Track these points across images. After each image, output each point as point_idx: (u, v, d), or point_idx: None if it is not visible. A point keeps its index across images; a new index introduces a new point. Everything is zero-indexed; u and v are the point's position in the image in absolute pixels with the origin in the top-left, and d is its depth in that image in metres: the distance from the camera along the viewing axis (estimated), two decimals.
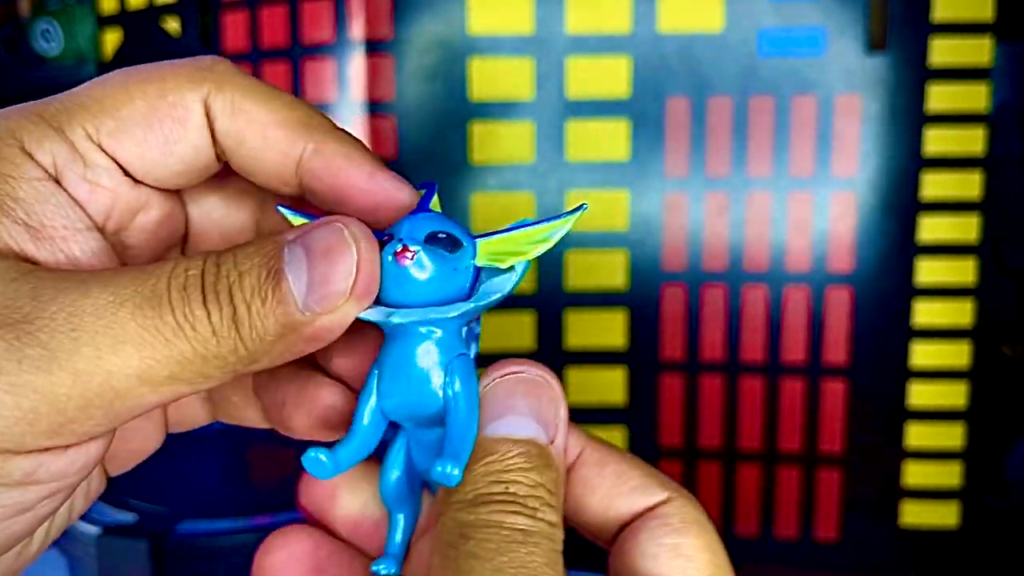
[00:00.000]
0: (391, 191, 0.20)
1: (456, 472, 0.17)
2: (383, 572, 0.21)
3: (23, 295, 0.16)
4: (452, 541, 0.17)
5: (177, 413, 0.24)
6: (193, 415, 0.24)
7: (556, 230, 0.20)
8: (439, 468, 0.17)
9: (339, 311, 0.18)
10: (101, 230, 0.19)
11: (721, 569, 0.20)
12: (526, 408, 0.18)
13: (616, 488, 0.20)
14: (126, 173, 0.19)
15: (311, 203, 0.21)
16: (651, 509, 0.20)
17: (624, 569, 0.20)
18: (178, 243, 0.23)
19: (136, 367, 0.16)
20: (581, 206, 0.21)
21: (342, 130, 0.21)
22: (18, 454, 0.16)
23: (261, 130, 0.19)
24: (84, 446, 0.17)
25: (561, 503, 0.18)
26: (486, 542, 0.16)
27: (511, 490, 0.17)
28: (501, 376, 0.19)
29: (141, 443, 0.23)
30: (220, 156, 0.20)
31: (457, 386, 0.18)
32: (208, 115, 0.19)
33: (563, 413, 0.19)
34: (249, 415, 0.23)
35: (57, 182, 0.18)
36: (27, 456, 0.16)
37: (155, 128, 0.19)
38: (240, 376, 0.19)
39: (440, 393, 0.19)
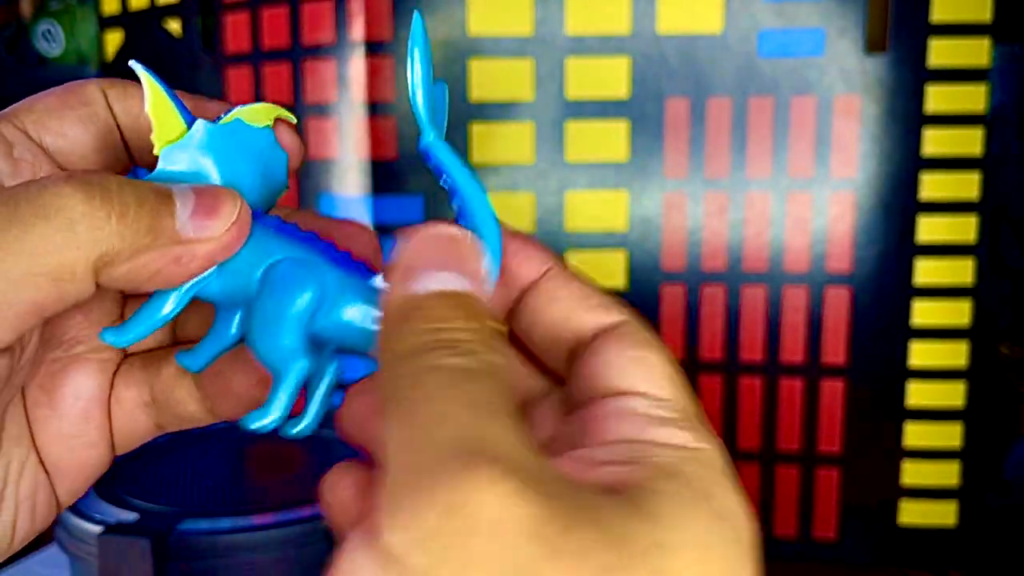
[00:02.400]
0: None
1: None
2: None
3: None
4: (395, 393, 0.17)
5: (120, 424, 0.24)
6: (138, 426, 0.25)
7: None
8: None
9: (214, 242, 0.20)
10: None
11: (681, 378, 0.20)
12: (444, 262, 0.19)
13: (578, 303, 0.21)
14: (48, 157, 0.22)
15: None
16: (613, 327, 0.21)
17: (585, 382, 0.20)
18: None
19: (32, 296, 0.18)
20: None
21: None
22: None
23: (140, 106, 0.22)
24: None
25: (502, 346, 0.18)
26: (431, 385, 0.16)
27: (444, 336, 0.17)
28: (417, 237, 0.20)
29: (87, 457, 0.24)
30: (128, 145, 0.23)
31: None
32: (107, 102, 0.22)
33: (486, 264, 0.20)
34: (192, 410, 0.24)
35: None
36: None
37: (69, 111, 0.22)
38: (174, 370, 0.23)
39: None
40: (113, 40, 0.71)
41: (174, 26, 0.65)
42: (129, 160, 0.24)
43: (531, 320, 0.21)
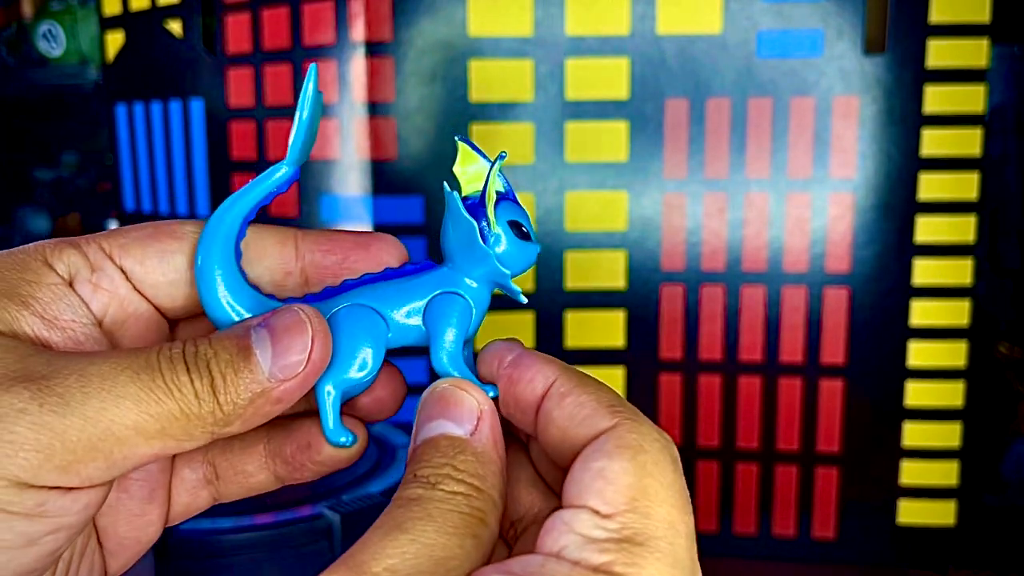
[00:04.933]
0: (371, 235, 0.25)
1: None
2: (343, 441, 0.25)
3: (39, 363, 0.20)
4: (389, 508, 0.21)
5: (179, 501, 0.26)
6: (196, 502, 0.26)
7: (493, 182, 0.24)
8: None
9: (299, 376, 0.21)
10: (100, 324, 0.23)
11: (645, 493, 0.20)
12: (437, 413, 0.22)
13: (571, 417, 0.22)
14: (128, 280, 0.23)
15: (311, 284, 0.25)
16: (598, 435, 0.21)
17: (563, 498, 0.21)
18: None
19: (133, 419, 0.19)
20: (501, 155, 0.24)
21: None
22: (31, 487, 0.19)
23: (260, 239, 0.24)
24: (86, 490, 0.20)
25: (484, 475, 0.21)
26: (388, 512, 0.20)
27: (417, 474, 0.21)
28: (423, 398, 0.23)
29: (144, 534, 0.25)
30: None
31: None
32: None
33: (484, 408, 0.23)
34: (260, 479, 0.26)
35: (71, 285, 0.22)
36: (38, 490, 0.19)
37: (155, 243, 0.23)
38: (247, 447, 0.25)
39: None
40: (114, 41, 0.71)
41: (175, 27, 0.65)
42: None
43: (545, 440, 0.23)
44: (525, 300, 0.24)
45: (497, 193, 0.24)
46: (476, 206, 0.24)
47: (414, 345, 0.24)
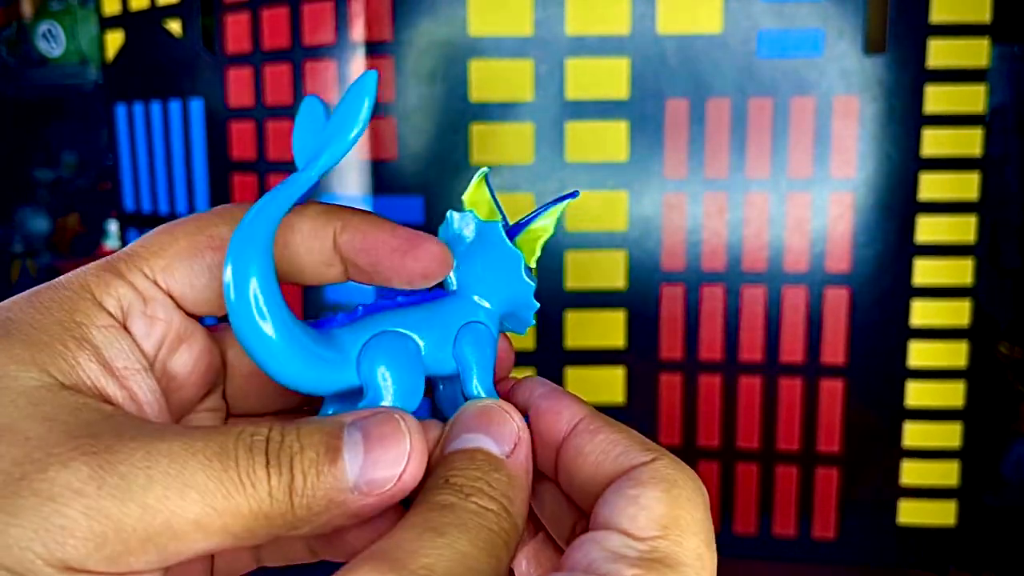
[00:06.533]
0: (414, 239, 0.23)
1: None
2: None
3: (105, 428, 0.18)
4: (415, 507, 0.20)
5: (223, 567, 0.25)
6: (240, 566, 0.26)
7: (556, 217, 0.24)
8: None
9: (385, 495, 0.20)
10: (152, 365, 0.22)
11: (676, 522, 0.20)
12: (477, 427, 0.21)
13: (605, 453, 0.22)
14: (178, 305, 0.22)
15: (354, 278, 0.24)
16: (632, 468, 0.21)
17: (591, 523, 0.21)
18: (215, 383, 0.25)
19: (195, 514, 0.18)
20: (573, 193, 0.24)
21: (352, 207, 0.24)
22: (78, 571, 0.17)
23: (297, 231, 0.22)
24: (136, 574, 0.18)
25: (513, 499, 0.20)
26: (419, 513, 0.19)
27: (450, 480, 0.20)
28: (461, 411, 0.22)
29: None
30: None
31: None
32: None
33: (522, 435, 0.22)
34: (301, 552, 0.25)
35: (124, 327, 0.21)
36: (86, 574, 0.17)
37: (198, 258, 0.22)
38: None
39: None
40: (114, 40, 0.71)
41: (174, 26, 0.65)
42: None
43: (567, 475, 0.22)
44: (524, 333, 0.25)
45: (511, 225, 0.24)
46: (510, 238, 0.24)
47: (440, 375, 0.24)
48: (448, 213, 0.25)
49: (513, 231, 0.25)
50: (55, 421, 0.18)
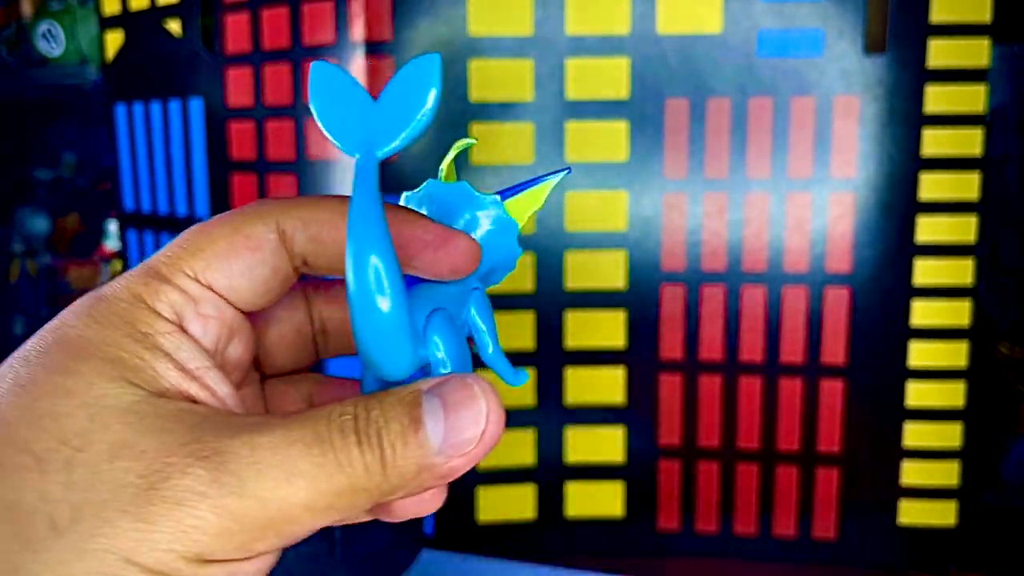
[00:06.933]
0: (446, 234, 0.24)
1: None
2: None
3: (208, 432, 0.20)
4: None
5: None
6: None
7: (548, 192, 0.25)
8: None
9: (469, 455, 0.21)
10: (216, 360, 0.23)
11: None
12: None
13: None
14: (225, 300, 0.23)
15: None
16: None
17: None
18: (252, 359, 0.26)
19: (304, 498, 0.19)
20: (567, 168, 0.25)
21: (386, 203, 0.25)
22: (210, 562, 0.19)
23: (331, 228, 0.23)
24: (260, 558, 0.20)
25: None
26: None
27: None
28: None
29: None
30: (298, 268, 0.24)
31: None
32: (283, 237, 0.23)
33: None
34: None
35: (183, 329, 0.22)
36: (219, 563, 0.19)
37: (236, 259, 0.23)
38: None
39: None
40: (113, 40, 0.71)
41: (174, 26, 0.65)
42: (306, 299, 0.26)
43: None
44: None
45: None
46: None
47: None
48: (428, 182, 0.25)
49: (503, 196, 0.26)
50: (163, 432, 0.20)
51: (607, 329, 0.56)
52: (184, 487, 0.19)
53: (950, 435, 0.55)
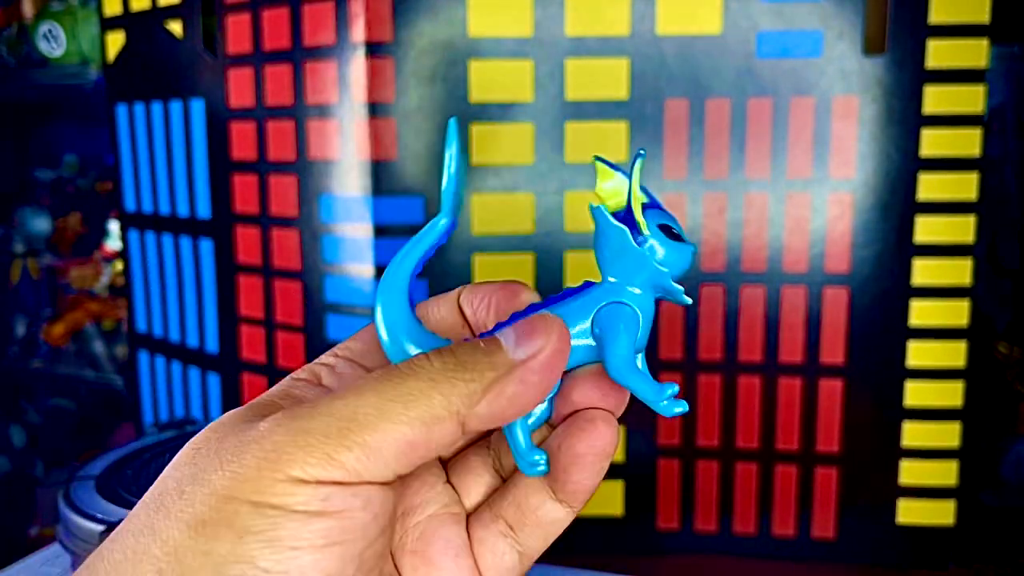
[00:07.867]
0: (531, 323, 0.25)
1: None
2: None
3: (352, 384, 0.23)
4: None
5: (487, 562, 0.26)
6: (503, 560, 0.27)
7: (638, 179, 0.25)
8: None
9: (543, 356, 0.23)
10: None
11: None
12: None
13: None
14: (359, 365, 0.26)
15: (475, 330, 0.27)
16: None
17: None
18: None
19: (373, 402, 0.21)
20: (642, 152, 0.25)
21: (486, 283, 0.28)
22: (307, 483, 0.21)
23: (429, 313, 0.27)
24: (363, 486, 0.21)
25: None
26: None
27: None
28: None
29: None
30: None
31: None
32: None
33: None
34: (550, 510, 0.27)
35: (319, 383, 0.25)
36: (316, 486, 0.21)
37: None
38: (526, 480, 0.26)
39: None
40: (114, 41, 0.71)
41: (175, 27, 0.65)
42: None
43: None
44: (689, 301, 0.25)
45: (642, 204, 0.25)
46: (624, 217, 0.25)
47: (585, 362, 0.25)
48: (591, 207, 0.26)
49: (623, 212, 0.26)
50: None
51: None
52: (260, 428, 0.22)
53: (948, 435, 0.55)
